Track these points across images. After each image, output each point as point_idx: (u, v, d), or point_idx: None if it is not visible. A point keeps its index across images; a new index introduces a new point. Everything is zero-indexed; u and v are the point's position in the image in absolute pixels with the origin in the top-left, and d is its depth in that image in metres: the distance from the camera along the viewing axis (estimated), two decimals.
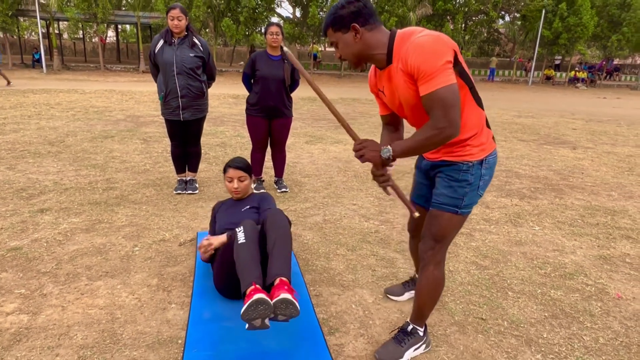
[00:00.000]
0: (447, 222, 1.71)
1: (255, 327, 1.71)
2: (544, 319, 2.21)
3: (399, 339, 1.88)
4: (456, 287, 2.47)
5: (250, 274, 1.83)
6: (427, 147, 1.56)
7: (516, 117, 10.59)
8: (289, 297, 1.69)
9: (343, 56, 1.64)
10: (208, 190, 4.03)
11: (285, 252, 1.95)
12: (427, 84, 1.45)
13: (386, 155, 1.57)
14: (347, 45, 1.61)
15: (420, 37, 1.47)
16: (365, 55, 1.62)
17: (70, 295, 2.23)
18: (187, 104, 3.63)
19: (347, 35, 1.58)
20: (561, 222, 3.59)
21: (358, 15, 1.55)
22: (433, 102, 1.45)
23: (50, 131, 6.39)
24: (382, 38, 1.58)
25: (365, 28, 1.57)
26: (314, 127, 7.94)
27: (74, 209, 3.41)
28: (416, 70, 1.47)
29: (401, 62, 1.53)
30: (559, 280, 2.61)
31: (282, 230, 2.01)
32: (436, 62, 1.43)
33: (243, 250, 1.93)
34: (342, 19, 1.56)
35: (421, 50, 1.45)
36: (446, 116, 1.44)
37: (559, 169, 5.42)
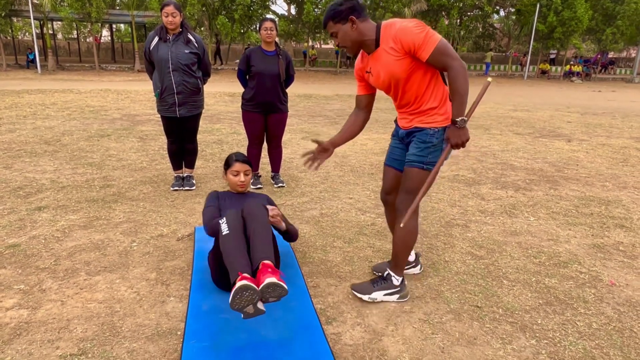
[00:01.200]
0: (416, 176, 2.08)
1: (250, 314, 1.74)
2: (538, 306, 2.24)
3: (374, 281, 2.22)
4: (452, 277, 2.50)
5: (236, 264, 1.85)
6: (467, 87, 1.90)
7: (511, 111, 10.63)
8: (273, 280, 1.72)
9: (342, 43, 2.04)
10: (205, 187, 4.04)
11: (265, 236, 2.00)
12: (425, 49, 1.87)
13: (463, 123, 1.91)
14: (345, 34, 2.01)
15: (404, 22, 1.94)
16: (359, 41, 2.03)
17: (70, 290, 2.25)
18: (183, 100, 3.64)
19: (345, 26, 2.00)
20: (556, 212, 3.63)
21: (354, 9, 1.98)
22: (438, 55, 1.87)
23: (46, 131, 6.38)
24: (371, 27, 2.02)
25: (359, 20, 1.99)
26: (311, 123, 7.96)
27: (72, 206, 3.42)
28: (412, 45, 1.88)
29: (391, 42, 1.93)
30: (553, 268, 2.64)
31: (259, 217, 2.07)
32: (421, 32, 1.88)
33: (228, 241, 1.95)
34: (342, 13, 1.98)
35: (409, 31, 1.89)
36: (453, 57, 1.88)
37: (554, 161, 5.46)
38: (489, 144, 6.45)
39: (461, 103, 1.90)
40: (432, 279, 2.47)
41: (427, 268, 2.59)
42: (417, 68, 1.97)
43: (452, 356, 1.84)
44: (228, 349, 1.82)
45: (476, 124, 8.32)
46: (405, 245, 2.15)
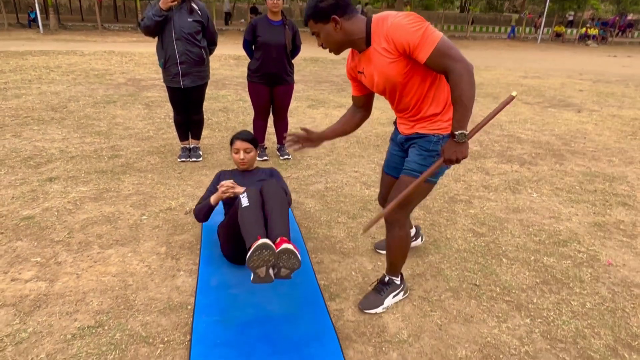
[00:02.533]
0: (415, 186, 1.83)
1: (260, 277, 1.80)
2: (535, 285, 2.31)
3: (378, 289, 2.10)
4: (452, 254, 2.56)
5: (255, 231, 1.90)
6: (472, 95, 1.63)
7: (522, 78, 10.41)
8: (291, 247, 1.79)
9: (325, 45, 1.78)
10: (212, 158, 4.08)
11: (284, 214, 2.04)
12: (423, 49, 1.60)
13: (463, 138, 1.66)
14: (328, 35, 1.74)
15: (397, 18, 1.64)
16: (345, 42, 1.76)
17: (84, 263, 2.35)
18: (186, 71, 3.61)
19: (327, 26, 1.72)
20: (559, 188, 3.65)
21: (337, 7, 1.68)
22: (438, 58, 1.60)
23: (52, 96, 6.37)
24: (359, 24, 1.73)
25: (343, 18, 1.70)
26: (317, 89, 7.87)
27: (82, 177, 3.49)
28: (407, 46, 1.62)
29: (383, 41, 1.68)
30: (552, 247, 2.70)
31: (278, 197, 2.10)
32: (417, 30, 1.60)
33: (248, 212, 2.00)
34: (322, 11, 1.69)
35: (403, 28, 1.62)
36: (456, 59, 1.59)
37: (561, 134, 5.42)
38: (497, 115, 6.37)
39: (463, 113, 1.63)
40: (433, 257, 2.54)
41: (428, 245, 2.66)
42: (416, 70, 1.72)
43: (449, 333, 1.93)
44: (236, 324, 1.92)
45: (485, 92, 8.19)
46: (401, 255, 2.05)
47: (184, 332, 1.88)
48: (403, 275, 2.16)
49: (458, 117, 1.65)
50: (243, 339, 1.83)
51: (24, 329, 1.85)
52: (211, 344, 1.79)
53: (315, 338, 1.85)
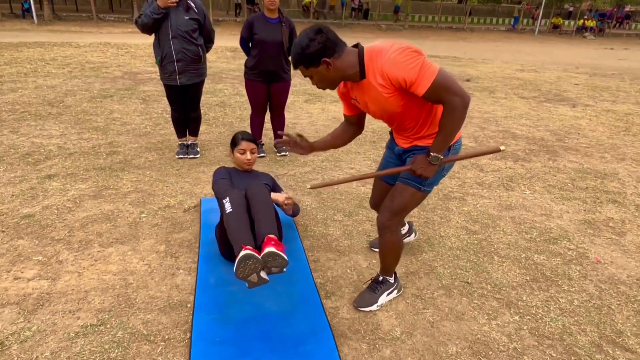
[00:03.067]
0: (410, 196, 1.92)
1: (254, 283, 1.88)
2: (525, 282, 2.38)
3: (372, 288, 2.15)
4: (446, 252, 2.63)
5: (240, 238, 1.98)
6: (458, 127, 1.69)
7: (518, 72, 10.44)
8: (273, 249, 1.85)
9: (320, 86, 1.78)
10: (209, 154, 4.12)
11: (269, 213, 2.12)
12: (420, 85, 1.60)
13: (436, 161, 1.74)
14: (322, 77, 1.74)
15: (392, 54, 1.61)
16: (339, 78, 1.75)
17: (85, 261, 2.40)
18: (183, 69, 3.63)
19: (319, 68, 1.69)
20: (552, 185, 3.71)
21: (325, 49, 1.66)
22: (435, 92, 1.60)
23: (48, 90, 6.36)
24: (351, 59, 1.70)
25: (334, 58, 1.68)
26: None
27: (80, 174, 3.52)
28: (403, 82, 1.62)
29: (379, 77, 1.66)
30: (543, 244, 2.77)
31: (262, 197, 2.18)
32: (415, 66, 1.58)
33: (232, 218, 2.07)
34: (311, 56, 1.66)
35: (399, 65, 1.59)
36: (455, 94, 1.60)
37: (555, 129, 5.48)
38: (492, 109, 6.42)
39: (445, 140, 1.69)
40: (427, 254, 2.60)
41: (422, 243, 2.72)
42: (413, 100, 1.72)
43: (441, 331, 2.00)
44: (234, 321, 1.98)
45: (481, 86, 8.23)
46: (394, 258, 2.09)
47: (184, 329, 1.94)
48: (397, 274, 2.22)
49: (439, 141, 1.71)
50: (241, 336, 1.89)
51: (29, 328, 1.90)
52: (210, 342, 1.85)
53: (311, 335, 1.91)
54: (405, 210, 1.97)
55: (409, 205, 1.95)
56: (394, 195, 1.94)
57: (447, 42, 18.42)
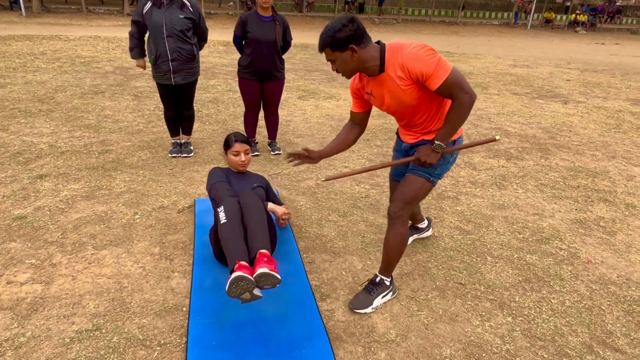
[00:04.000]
0: (420, 186, 2.04)
1: (247, 300, 1.89)
2: (517, 283, 2.41)
3: (368, 290, 2.17)
4: (439, 253, 2.65)
5: (234, 252, 1.98)
6: (463, 121, 1.87)
7: (511, 67, 10.48)
8: (265, 270, 1.86)
9: (340, 71, 1.88)
10: (203, 153, 4.10)
11: (262, 225, 2.12)
12: (435, 79, 1.75)
13: (439, 149, 1.92)
14: (344, 63, 1.84)
15: (412, 49, 1.76)
16: (360, 68, 1.87)
17: (79, 264, 2.38)
18: (178, 68, 3.60)
19: (344, 54, 1.80)
20: (544, 184, 3.75)
21: (354, 37, 1.77)
22: (448, 87, 1.76)
23: (38, 86, 6.28)
24: (374, 53, 1.83)
25: (360, 47, 1.80)
26: (307, 79, 7.85)
27: (72, 174, 3.49)
28: (420, 75, 1.77)
29: (398, 70, 1.80)
30: (535, 244, 2.80)
31: (256, 209, 2.18)
32: (432, 61, 1.74)
33: (226, 230, 2.07)
34: (340, 41, 1.77)
35: (419, 58, 1.75)
36: (464, 91, 1.77)
37: (548, 127, 5.52)
38: (485, 106, 6.45)
39: (449, 130, 1.87)
40: (421, 255, 2.62)
41: (416, 243, 2.74)
42: (426, 94, 1.87)
43: (435, 333, 2.02)
44: (230, 325, 1.98)
45: (474, 82, 8.25)
46: (399, 252, 2.11)
47: (180, 334, 1.94)
48: (392, 277, 2.24)
49: (444, 132, 1.89)
50: (237, 340, 1.90)
51: (23, 333, 1.89)
52: (206, 346, 1.86)
53: (307, 339, 1.92)
54: (415, 200, 2.06)
55: (419, 195, 2.06)
56: (404, 185, 2.05)
57: (440, 36, 18.42)
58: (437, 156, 1.94)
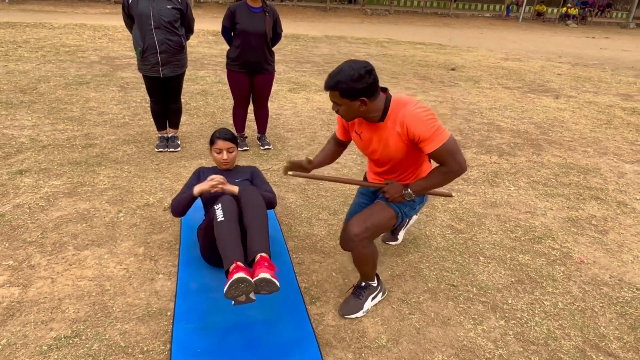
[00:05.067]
0: (388, 218, 2.00)
1: (241, 302, 1.81)
2: (510, 284, 2.37)
3: (356, 294, 2.12)
4: (431, 253, 2.60)
5: (231, 252, 1.89)
6: (442, 185, 1.92)
7: (503, 61, 10.45)
8: (267, 276, 1.78)
9: (342, 115, 1.86)
10: (190, 147, 3.99)
11: (263, 227, 2.03)
12: (431, 143, 1.78)
13: (409, 197, 1.95)
14: (349, 111, 1.82)
15: (416, 109, 1.79)
16: (362, 116, 1.87)
17: (59, 266, 2.29)
18: (166, 60, 3.49)
19: (353, 103, 1.78)
20: (536, 181, 3.72)
21: (369, 90, 1.75)
22: (442, 154, 1.79)
23: (20, 76, 6.08)
24: (380, 105, 1.84)
25: (370, 99, 1.79)
26: (298, 71, 7.74)
27: (54, 169, 3.37)
28: (417, 136, 1.79)
29: (398, 126, 1.82)
30: (527, 244, 2.77)
31: (257, 207, 2.08)
32: (432, 126, 1.77)
33: (223, 228, 1.98)
34: (354, 92, 1.73)
35: (420, 121, 1.77)
36: (456, 161, 1.81)
37: (540, 122, 5.49)
38: (477, 100, 6.41)
39: (428, 188, 1.93)
40: (413, 255, 2.57)
41: (408, 243, 2.69)
42: (415, 153, 1.93)
43: (427, 337, 1.98)
44: (216, 331, 1.92)
45: (466, 76, 8.21)
46: (370, 266, 2.05)
47: (164, 340, 1.87)
48: (379, 277, 2.19)
49: (421, 185, 1.93)
50: (224, 346, 1.84)
51: None
52: (192, 353, 1.79)
53: (296, 345, 1.86)
54: (378, 230, 2.00)
55: (383, 226, 2.00)
56: (372, 212, 1.99)
57: (432, 28, 18.33)
58: (400, 200, 1.96)
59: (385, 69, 8.35)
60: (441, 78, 7.91)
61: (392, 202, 2.00)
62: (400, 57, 9.97)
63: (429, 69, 8.77)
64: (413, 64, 9.24)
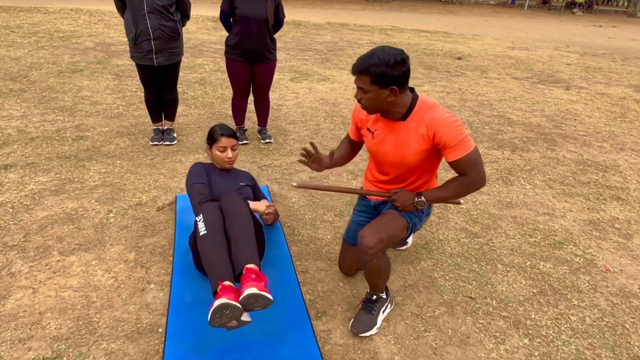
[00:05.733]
0: (401, 228, 1.84)
1: (234, 327, 1.64)
2: (532, 296, 2.19)
3: (367, 309, 1.93)
4: (446, 260, 2.41)
5: (216, 271, 1.72)
6: (459, 197, 1.81)
7: (510, 49, 10.16)
8: (255, 291, 1.60)
9: (365, 104, 1.70)
10: (187, 141, 3.78)
11: (248, 236, 1.85)
12: (456, 151, 1.67)
13: (421, 206, 1.82)
14: (376, 99, 1.66)
15: (445, 114, 1.68)
16: (384, 109, 1.73)
17: (41, 274, 2.10)
18: (160, 47, 3.26)
19: (382, 91, 1.63)
20: (552, 179, 3.52)
21: (401, 79, 1.62)
22: (465, 164, 1.69)
23: (11, 63, 5.84)
24: (406, 101, 1.72)
25: (400, 90, 1.65)
26: (300, 59, 7.47)
27: (42, 164, 3.16)
28: (444, 142, 1.68)
29: (424, 127, 1.70)
30: (548, 250, 2.58)
31: (241, 215, 1.90)
32: (459, 134, 1.67)
33: (206, 243, 1.80)
34: (386, 78, 1.59)
35: (447, 126, 1.66)
36: (479, 173, 1.71)
37: (552, 115, 5.27)
38: (486, 91, 6.17)
39: (442, 196, 1.80)
40: (426, 262, 2.38)
41: (420, 248, 2.50)
42: (430, 162, 1.82)
43: (445, 358, 1.80)
44: (212, 350, 1.74)
45: (473, 65, 7.95)
46: (383, 279, 1.89)
47: None
48: (387, 286, 2.01)
49: (435, 194, 1.80)
50: None
51: None
52: None
53: None
54: (392, 241, 1.84)
55: (396, 237, 1.84)
56: (385, 222, 1.82)
57: (436, 16, 17.94)
58: (411, 209, 1.83)
59: None
60: (447, 67, 7.65)
61: (402, 211, 1.85)
62: (405, 46, 9.68)
63: (434, 57, 8.50)
64: (418, 52, 8.96)
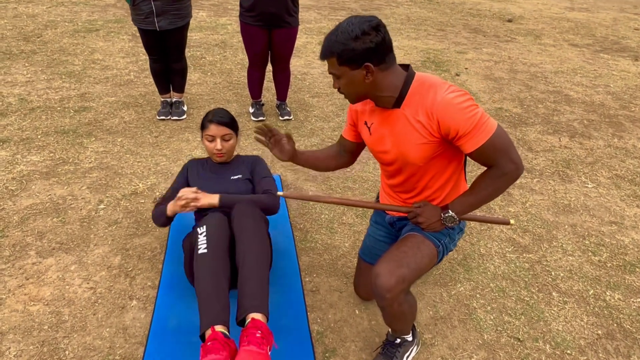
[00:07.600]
0: (429, 256, 1.40)
1: None
2: (596, 339, 1.75)
3: (388, 354, 1.56)
4: (488, 283, 1.99)
5: (209, 311, 1.36)
6: (493, 198, 1.36)
7: (568, 10, 9.06)
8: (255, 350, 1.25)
9: (343, 92, 1.33)
10: (198, 115, 3.41)
11: (261, 271, 1.47)
12: (473, 139, 1.24)
13: (451, 223, 1.40)
14: (352, 83, 1.29)
15: (448, 93, 1.24)
16: (370, 95, 1.34)
17: (13, 280, 1.83)
18: (162, 9, 2.84)
19: (355, 72, 1.26)
20: (620, 176, 2.96)
21: (374, 52, 1.23)
22: (489, 152, 1.26)
23: (27, 21, 5.55)
24: (395, 80, 1.30)
25: (379, 67, 1.26)
26: (332, 19, 6.84)
27: (37, 140, 2.88)
28: (454, 131, 1.24)
29: (422, 115, 1.28)
30: (616, 273, 2.10)
31: (256, 241, 1.50)
32: (473, 115, 1.23)
33: (204, 268, 1.44)
34: (354, 54, 1.22)
35: (454, 109, 1.23)
36: (510, 159, 1.27)
37: (618, 92, 4.55)
38: (539, 61, 5.43)
39: (473, 203, 1.36)
40: (463, 286, 1.97)
41: (456, 265, 2.08)
42: (442, 158, 1.36)
43: None
44: None
45: (525, 29, 7.08)
46: (410, 320, 1.50)
47: None
48: (414, 325, 1.62)
49: (465, 202, 1.37)
50: None
51: None
52: None
53: None
54: (418, 276, 1.39)
55: (423, 270, 1.40)
56: (405, 250, 1.38)
57: None
58: (440, 226, 1.41)
59: (430, 19, 7.31)
60: (496, 31, 6.84)
61: (427, 232, 1.42)
62: (448, 5, 8.78)
63: (481, 19, 7.64)
64: (463, 12, 8.09)
